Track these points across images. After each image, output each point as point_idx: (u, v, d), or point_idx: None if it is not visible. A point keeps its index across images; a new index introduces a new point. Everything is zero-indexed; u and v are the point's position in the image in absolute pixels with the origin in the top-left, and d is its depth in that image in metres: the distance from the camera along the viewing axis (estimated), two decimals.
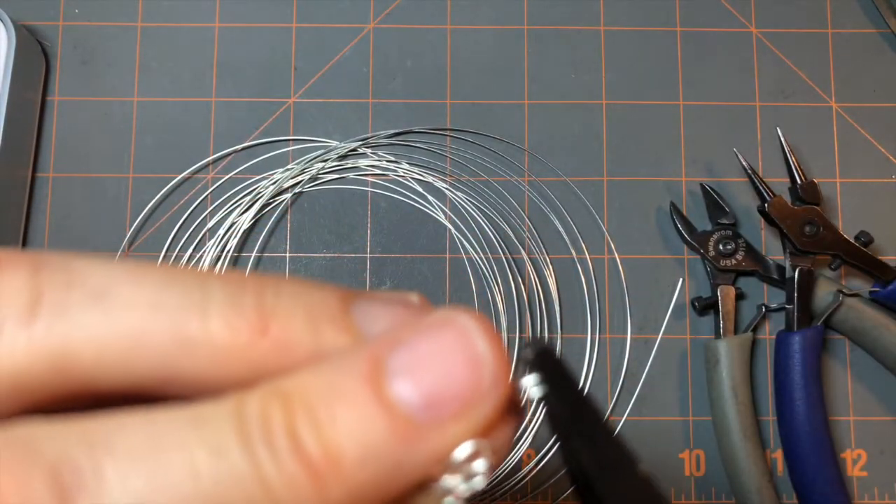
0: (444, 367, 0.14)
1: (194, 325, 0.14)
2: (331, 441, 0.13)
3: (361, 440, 0.13)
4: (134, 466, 0.12)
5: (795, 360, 0.40)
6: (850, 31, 0.45)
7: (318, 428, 0.13)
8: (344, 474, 0.13)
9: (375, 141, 0.44)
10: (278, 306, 0.14)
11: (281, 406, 0.13)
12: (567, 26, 0.45)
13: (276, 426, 0.13)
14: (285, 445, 0.13)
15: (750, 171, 0.42)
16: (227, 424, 0.13)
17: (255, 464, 0.13)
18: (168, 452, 0.12)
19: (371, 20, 0.45)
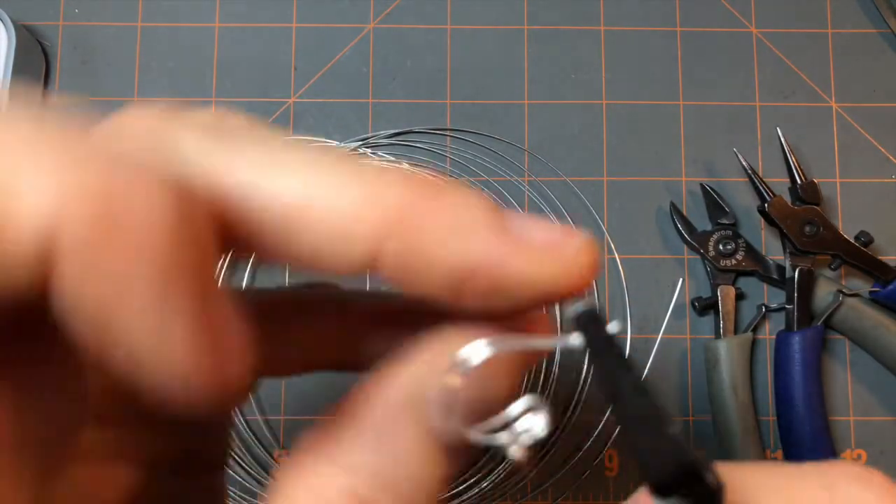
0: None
1: (350, 189, 0.14)
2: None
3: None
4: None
5: (795, 360, 0.40)
6: (851, 31, 0.45)
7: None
8: None
9: (375, 141, 0.44)
10: (458, 191, 0.15)
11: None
12: (567, 26, 0.45)
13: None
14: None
15: (750, 171, 0.42)
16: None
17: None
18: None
19: (371, 20, 0.45)
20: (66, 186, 0.11)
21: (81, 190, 0.11)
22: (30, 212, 0.11)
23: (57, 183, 0.11)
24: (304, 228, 0.14)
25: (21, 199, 0.11)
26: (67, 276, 0.11)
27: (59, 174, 0.11)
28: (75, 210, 0.11)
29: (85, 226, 0.11)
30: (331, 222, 0.14)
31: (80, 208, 0.11)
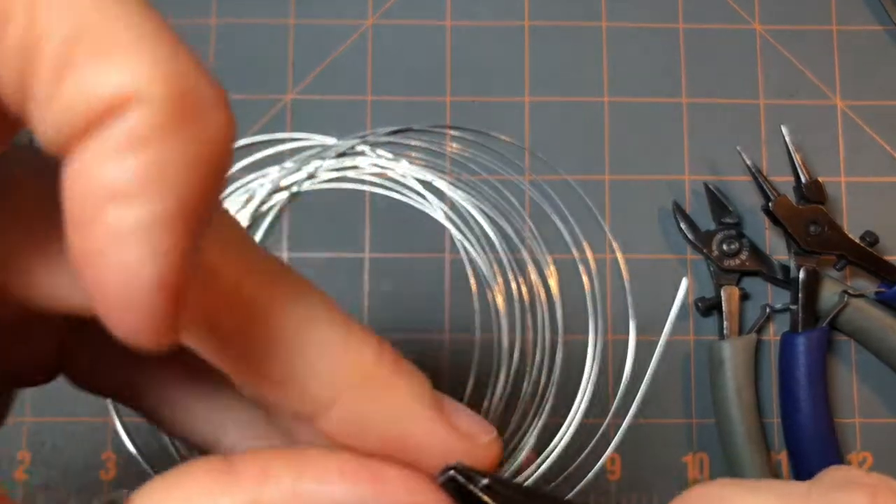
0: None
1: (336, 336, 0.16)
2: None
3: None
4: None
5: (800, 361, 0.40)
6: (856, 29, 0.45)
7: None
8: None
9: (374, 139, 0.43)
10: (412, 370, 0.17)
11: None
12: (568, 22, 0.45)
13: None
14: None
15: (754, 170, 0.42)
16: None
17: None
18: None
19: (370, 16, 0.45)
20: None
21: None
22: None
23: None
24: (280, 352, 0.15)
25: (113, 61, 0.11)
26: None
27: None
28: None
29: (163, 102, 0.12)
30: (308, 355, 0.16)
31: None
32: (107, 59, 0.11)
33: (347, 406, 0.16)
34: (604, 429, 0.41)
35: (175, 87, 0.12)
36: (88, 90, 0.11)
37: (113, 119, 0.11)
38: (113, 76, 0.11)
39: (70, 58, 0.11)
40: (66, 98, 0.11)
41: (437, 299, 0.42)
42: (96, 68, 0.11)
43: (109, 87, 0.11)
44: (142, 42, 0.11)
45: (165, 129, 0.11)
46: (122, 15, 0.11)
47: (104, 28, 0.11)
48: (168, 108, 0.11)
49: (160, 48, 0.12)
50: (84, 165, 0.12)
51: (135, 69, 0.11)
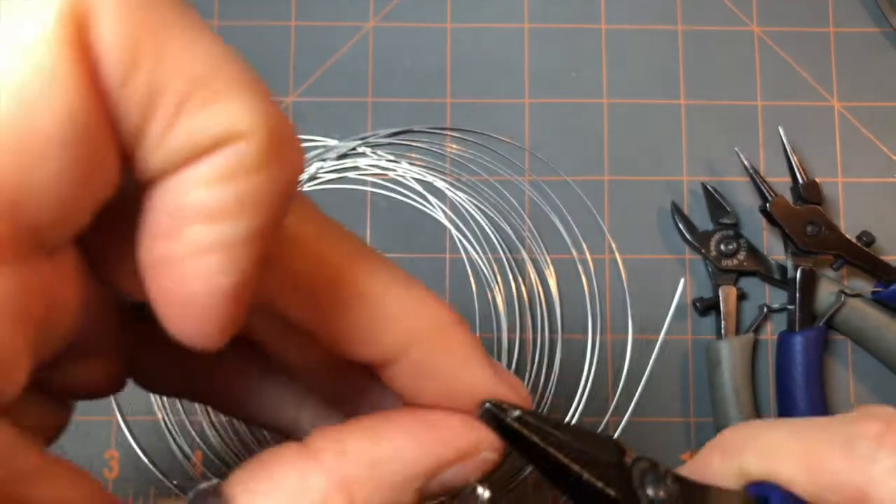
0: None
1: (414, 290, 0.18)
2: None
3: None
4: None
5: (797, 360, 0.40)
6: (853, 30, 0.45)
7: None
8: None
9: (375, 140, 0.44)
10: (466, 323, 0.19)
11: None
12: (568, 25, 0.45)
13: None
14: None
15: (751, 171, 0.42)
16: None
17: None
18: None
19: (371, 18, 0.45)
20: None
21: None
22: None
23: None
24: (360, 310, 0.17)
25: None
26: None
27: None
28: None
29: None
30: (384, 313, 0.17)
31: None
32: (216, 102, 0.13)
33: (418, 354, 0.17)
34: (603, 427, 0.41)
35: (270, 127, 0.13)
36: (200, 129, 0.13)
37: (216, 152, 0.13)
38: (221, 117, 0.13)
39: (186, 102, 0.13)
40: (179, 135, 0.13)
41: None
42: (208, 111, 0.13)
43: (218, 126, 0.13)
44: (242, 88, 0.13)
45: (262, 162, 0.13)
46: (225, 65, 0.13)
47: (213, 76, 0.13)
48: (265, 144, 0.13)
49: (256, 93, 0.14)
50: (180, 186, 0.13)
51: (238, 111, 0.13)
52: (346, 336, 0.17)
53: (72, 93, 0.12)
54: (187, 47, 0.13)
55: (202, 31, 0.13)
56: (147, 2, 0.13)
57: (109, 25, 0.12)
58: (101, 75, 0.12)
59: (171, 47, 0.13)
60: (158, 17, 0.13)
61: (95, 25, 0.12)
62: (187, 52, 0.13)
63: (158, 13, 0.13)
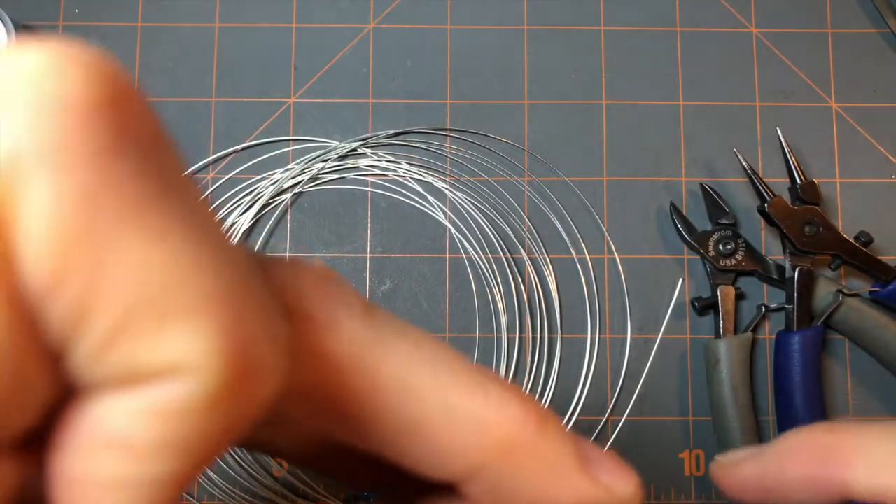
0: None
1: (475, 400, 0.14)
2: None
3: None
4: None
5: (795, 360, 0.40)
6: (851, 32, 0.45)
7: None
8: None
9: (375, 141, 0.44)
10: (555, 421, 0.15)
11: None
12: (567, 26, 0.45)
13: None
14: None
15: (750, 171, 0.42)
16: None
17: None
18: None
19: (371, 20, 0.45)
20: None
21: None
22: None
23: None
24: (419, 430, 0.14)
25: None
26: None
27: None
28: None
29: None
30: (445, 439, 0.14)
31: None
32: (165, 329, 0.10)
33: (490, 476, 0.14)
34: (601, 426, 0.42)
35: (231, 360, 0.11)
36: (138, 358, 0.10)
37: (155, 383, 0.10)
38: (168, 347, 0.10)
39: (124, 327, 0.10)
40: (112, 360, 0.10)
41: (437, 299, 0.43)
42: (152, 339, 0.10)
43: (162, 357, 0.10)
44: (202, 312, 0.10)
45: (207, 403, 0.11)
46: (181, 273, 0.10)
47: (167, 295, 0.10)
48: (218, 383, 0.10)
49: (228, 314, 0.11)
50: (105, 406, 0.11)
51: (188, 341, 0.10)
52: (406, 461, 0.14)
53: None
54: (137, 250, 0.10)
55: (169, 221, 0.10)
56: (95, 190, 0.10)
57: (35, 221, 0.10)
58: (19, 284, 0.10)
59: (114, 252, 0.10)
60: (107, 209, 0.10)
61: (16, 221, 0.10)
62: (134, 258, 0.10)
63: (109, 203, 0.10)
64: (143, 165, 0.10)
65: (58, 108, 0.10)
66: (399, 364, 0.14)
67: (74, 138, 0.10)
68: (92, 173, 0.10)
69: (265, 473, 0.41)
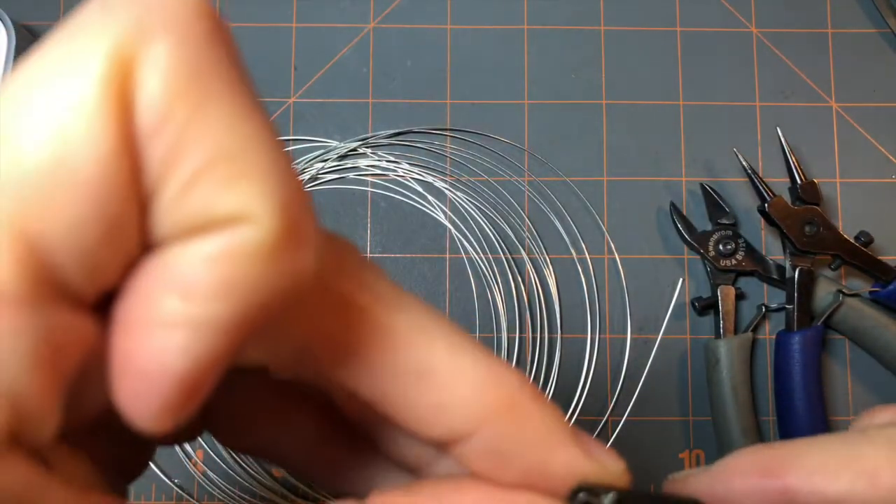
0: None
1: (481, 361, 0.16)
2: None
3: None
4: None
5: (795, 359, 0.40)
6: (851, 31, 0.45)
7: None
8: None
9: (375, 141, 0.44)
10: (547, 400, 0.16)
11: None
12: (567, 26, 0.45)
13: None
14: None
15: (750, 171, 0.42)
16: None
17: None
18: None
19: (371, 20, 0.45)
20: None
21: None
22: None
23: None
24: (427, 380, 0.15)
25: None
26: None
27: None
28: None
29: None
30: (450, 391, 0.15)
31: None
32: (235, 180, 0.12)
33: (489, 434, 0.15)
34: (601, 426, 0.42)
35: (285, 219, 0.12)
36: (210, 202, 0.12)
37: (221, 230, 0.12)
38: (235, 196, 0.12)
39: (204, 171, 0.12)
40: (187, 207, 0.12)
41: (437, 299, 0.43)
42: (223, 186, 0.12)
43: (229, 207, 0.12)
44: (267, 172, 0.13)
45: (263, 251, 0.12)
46: (253, 144, 0.13)
47: (240, 153, 0.12)
48: (273, 234, 0.12)
49: (281, 179, 0.13)
50: (175, 253, 0.12)
51: (255, 195, 0.12)
52: (406, 414, 0.16)
53: (108, 136, 0.12)
54: (223, 118, 0.12)
55: (246, 107, 0.13)
56: (198, 66, 0.13)
57: (154, 76, 0.12)
58: (135, 122, 0.12)
59: (207, 113, 0.12)
60: (205, 81, 0.12)
61: (140, 73, 0.12)
62: (221, 123, 0.12)
63: (207, 78, 0.13)
64: (233, 57, 0.14)
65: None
66: (413, 319, 0.15)
67: (193, 20, 0.13)
68: (202, 47, 0.13)
69: (265, 473, 0.41)
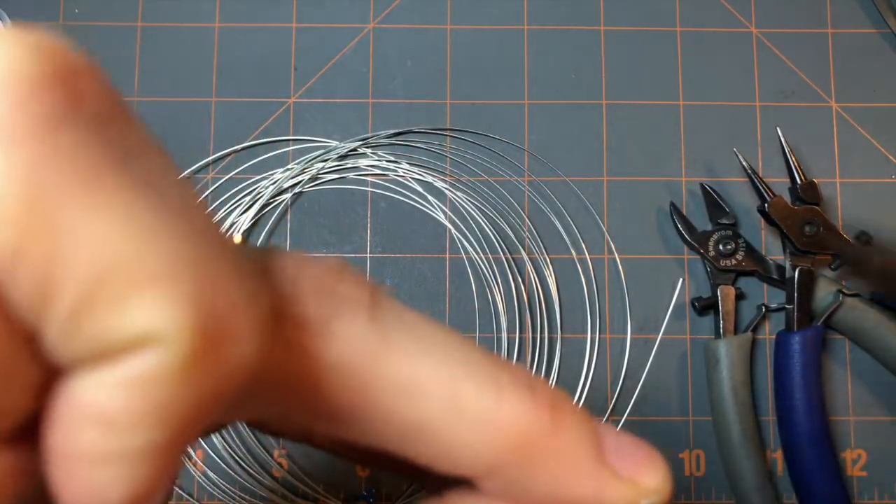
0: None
1: (485, 399, 0.14)
2: None
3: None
4: None
5: (795, 360, 0.40)
6: (850, 31, 0.45)
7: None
8: None
9: (375, 141, 0.44)
10: (571, 411, 0.14)
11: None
12: (567, 26, 0.45)
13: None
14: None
15: (750, 171, 0.42)
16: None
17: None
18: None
19: (371, 20, 0.45)
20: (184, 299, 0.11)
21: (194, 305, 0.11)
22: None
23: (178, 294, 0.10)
24: (426, 432, 0.14)
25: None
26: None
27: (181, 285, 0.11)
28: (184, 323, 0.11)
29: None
30: (457, 435, 0.14)
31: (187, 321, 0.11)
32: (130, 299, 0.10)
33: (505, 474, 0.14)
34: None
35: (201, 327, 0.11)
36: (107, 330, 0.10)
37: (127, 355, 0.10)
38: (135, 318, 0.10)
39: (86, 304, 0.10)
40: (81, 339, 0.10)
41: (436, 299, 0.43)
42: (118, 310, 0.10)
43: (130, 329, 0.10)
44: (175, 276, 0.10)
45: (179, 373, 0.11)
46: (158, 243, 0.10)
47: (134, 264, 0.10)
48: (188, 352, 0.10)
49: (196, 281, 0.11)
50: (81, 387, 0.11)
51: (158, 310, 0.10)
52: (417, 460, 0.14)
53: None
54: (98, 226, 0.10)
55: (128, 194, 0.10)
56: (46, 162, 0.10)
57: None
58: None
59: (74, 228, 0.10)
60: (61, 182, 0.10)
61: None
62: (96, 234, 0.10)
63: (63, 176, 0.10)
64: (97, 136, 0.10)
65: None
66: (403, 365, 0.13)
67: (18, 113, 0.10)
68: (40, 145, 0.10)
69: (265, 473, 0.41)
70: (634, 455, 0.15)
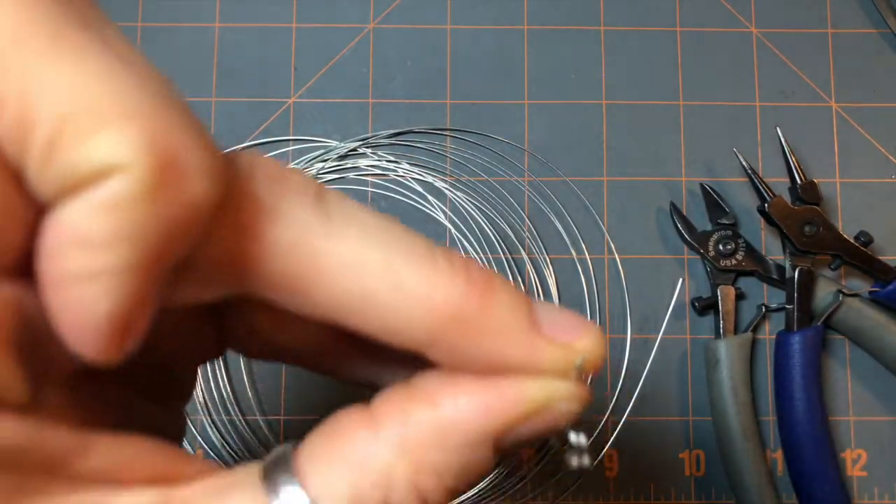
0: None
1: (421, 277, 0.16)
2: None
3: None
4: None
5: (795, 360, 0.40)
6: (851, 31, 0.45)
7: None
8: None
9: (375, 141, 0.44)
10: (503, 290, 0.16)
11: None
12: (567, 26, 0.45)
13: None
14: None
15: (750, 171, 0.42)
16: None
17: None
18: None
19: (371, 20, 0.45)
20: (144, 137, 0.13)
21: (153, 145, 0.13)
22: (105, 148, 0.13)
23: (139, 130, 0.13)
24: (369, 306, 0.15)
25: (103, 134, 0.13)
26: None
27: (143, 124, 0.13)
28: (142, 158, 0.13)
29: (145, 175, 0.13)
30: (396, 309, 0.15)
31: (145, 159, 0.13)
32: (93, 134, 0.12)
33: (445, 345, 0.16)
34: (602, 426, 0.41)
35: (157, 158, 0.13)
36: (76, 162, 0.12)
37: (98, 183, 0.13)
38: (99, 150, 0.12)
39: (59, 136, 0.12)
40: (57, 166, 0.13)
41: None
42: (84, 143, 0.12)
43: (95, 159, 0.12)
44: (132, 115, 0.13)
45: (141, 197, 0.13)
46: (114, 89, 0.13)
47: (94, 104, 0.12)
48: (146, 178, 0.13)
49: (150, 120, 0.13)
50: (64, 214, 0.13)
51: (119, 143, 0.12)
52: (364, 332, 0.16)
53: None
54: (67, 74, 0.12)
55: (87, 46, 0.13)
56: (20, 24, 0.12)
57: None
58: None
59: (46, 75, 0.12)
60: (34, 38, 0.12)
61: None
62: (65, 80, 0.12)
63: (36, 34, 0.12)
64: (59, 5, 0.13)
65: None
66: (345, 244, 0.15)
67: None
68: (14, 11, 0.12)
69: None
70: (567, 324, 0.17)
